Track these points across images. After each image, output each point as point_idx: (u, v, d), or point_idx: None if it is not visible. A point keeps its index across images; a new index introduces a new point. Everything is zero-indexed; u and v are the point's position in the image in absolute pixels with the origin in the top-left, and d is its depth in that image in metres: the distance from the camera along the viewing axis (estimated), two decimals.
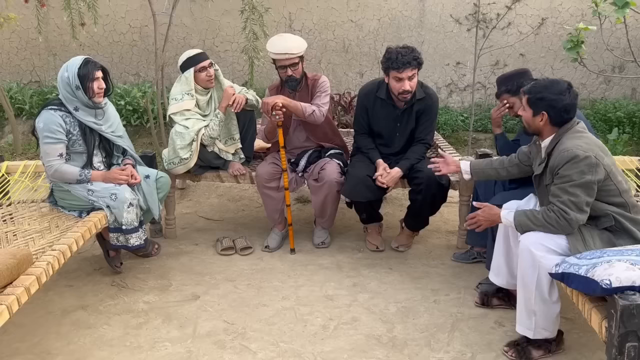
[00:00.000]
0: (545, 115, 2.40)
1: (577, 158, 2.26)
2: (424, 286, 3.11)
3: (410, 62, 3.14)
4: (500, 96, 3.05)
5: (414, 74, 3.19)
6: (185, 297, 3.02)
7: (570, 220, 2.27)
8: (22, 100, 6.18)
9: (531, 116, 2.45)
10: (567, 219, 2.28)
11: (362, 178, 3.27)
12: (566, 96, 2.37)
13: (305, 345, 2.58)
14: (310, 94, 3.51)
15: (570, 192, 2.28)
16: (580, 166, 2.26)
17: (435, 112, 3.41)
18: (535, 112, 2.43)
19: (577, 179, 2.26)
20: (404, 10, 6.23)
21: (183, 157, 3.40)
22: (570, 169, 2.27)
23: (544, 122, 2.42)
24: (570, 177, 2.28)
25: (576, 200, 2.27)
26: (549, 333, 2.40)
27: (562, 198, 2.29)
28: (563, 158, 2.30)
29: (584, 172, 2.26)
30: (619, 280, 1.92)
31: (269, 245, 3.56)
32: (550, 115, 2.39)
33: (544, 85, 2.41)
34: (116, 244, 3.05)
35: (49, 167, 2.94)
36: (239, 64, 6.39)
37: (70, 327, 2.74)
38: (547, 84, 2.41)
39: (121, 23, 6.45)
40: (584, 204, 2.28)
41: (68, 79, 2.91)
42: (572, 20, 5.96)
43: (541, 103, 2.39)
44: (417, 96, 3.31)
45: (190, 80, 3.43)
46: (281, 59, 3.35)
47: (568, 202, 2.28)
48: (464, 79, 6.36)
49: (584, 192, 2.27)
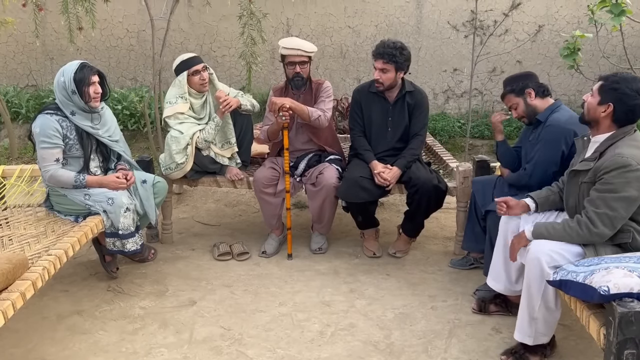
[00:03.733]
0: (611, 107, 2.26)
1: (629, 167, 2.15)
2: (421, 292, 3.10)
3: (383, 55, 3.26)
4: (505, 97, 3.04)
5: (385, 67, 3.29)
6: (181, 302, 3.00)
7: (595, 233, 2.20)
8: (19, 104, 6.16)
9: (596, 104, 2.30)
10: (592, 232, 2.20)
11: (357, 179, 3.28)
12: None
13: (302, 351, 2.57)
14: (313, 98, 3.53)
15: (611, 206, 2.18)
16: (629, 177, 2.15)
17: (426, 107, 3.48)
18: (602, 101, 2.28)
19: (621, 190, 2.16)
20: (401, 17, 6.25)
21: (179, 162, 3.40)
22: (617, 177, 2.17)
23: (607, 114, 2.28)
24: (615, 187, 2.17)
25: (613, 215, 2.18)
26: (546, 338, 2.40)
27: (599, 210, 2.20)
28: (614, 163, 2.18)
29: (630, 185, 2.15)
30: (617, 287, 1.92)
31: (265, 251, 3.55)
32: (615, 109, 2.25)
33: (623, 77, 2.27)
34: (112, 248, 3.04)
35: (45, 172, 2.93)
36: (236, 69, 6.39)
37: (66, 332, 2.72)
38: (628, 78, 2.27)
39: (119, 27, 6.45)
40: (619, 220, 2.19)
41: (64, 83, 2.90)
42: (568, 27, 6.00)
43: (613, 93, 2.26)
44: (407, 89, 3.41)
45: (183, 84, 3.45)
46: (292, 54, 3.42)
47: (603, 216, 2.19)
48: (461, 86, 6.38)
49: (624, 208, 2.18)
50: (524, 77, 3.00)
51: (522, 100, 2.95)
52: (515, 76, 3.05)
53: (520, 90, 2.94)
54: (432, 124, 6.04)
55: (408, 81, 3.46)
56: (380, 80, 3.33)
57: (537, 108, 2.93)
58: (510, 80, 3.03)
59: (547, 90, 2.96)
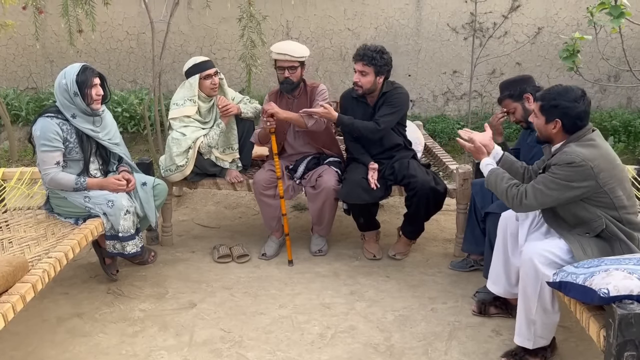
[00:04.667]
0: (559, 122, 2.35)
1: (574, 164, 2.25)
2: (422, 294, 3.10)
3: (363, 57, 3.27)
4: (503, 101, 3.04)
5: (365, 70, 3.28)
6: (181, 305, 3.00)
7: (524, 204, 2.35)
8: (19, 106, 6.16)
9: (544, 123, 2.40)
10: (522, 202, 2.35)
11: (358, 180, 3.29)
12: (580, 103, 2.32)
13: (303, 354, 2.57)
14: (309, 101, 3.53)
15: (548, 186, 2.30)
16: (572, 172, 2.25)
17: (397, 101, 3.37)
18: (548, 120, 2.37)
19: (563, 179, 2.27)
20: (400, 19, 6.26)
21: (179, 164, 3.41)
22: (562, 170, 2.27)
23: (557, 129, 2.37)
24: (558, 176, 2.28)
25: (547, 192, 2.30)
26: (545, 341, 2.40)
27: (537, 186, 2.33)
28: (561, 159, 2.28)
29: (571, 178, 2.26)
30: (617, 289, 1.92)
31: (265, 253, 3.55)
32: (563, 123, 2.34)
33: (557, 92, 2.36)
34: (112, 251, 3.04)
35: (46, 175, 2.93)
36: (236, 72, 6.39)
37: (66, 335, 2.72)
38: (561, 91, 2.36)
39: (119, 30, 6.45)
40: (548, 199, 2.31)
41: (66, 85, 2.90)
42: (567, 29, 6.00)
43: (555, 110, 2.34)
44: (385, 89, 3.38)
45: (194, 87, 3.45)
46: (281, 59, 3.42)
47: (537, 191, 2.31)
48: (460, 88, 6.38)
49: (558, 192, 2.29)
50: (522, 81, 3.00)
51: (521, 105, 2.95)
52: (512, 80, 3.05)
53: (518, 95, 2.94)
54: (432, 126, 6.05)
55: (389, 82, 3.42)
56: (359, 83, 3.32)
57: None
58: (507, 84, 3.03)
59: None
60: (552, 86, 2.46)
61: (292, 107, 3.55)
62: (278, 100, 3.56)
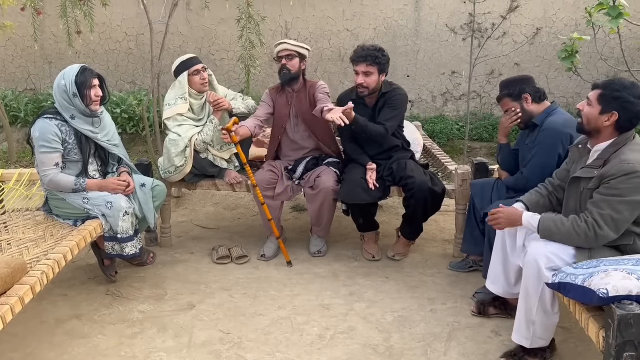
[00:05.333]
0: (615, 116, 2.22)
1: (636, 174, 2.13)
2: (421, 295, 3.10)
3: (365, 58, 3.27)
4: (501, 100, 3.03)
5: (369, 70, 3.29)
6: (180, 306, 3.00)
7: (600, 236, 2.18)
8: (17, 108, 6.16)
9: (597, 114, 2.26)
10: (597, 233, 2.18)
11: (358, 181, 3.29)
12: None
13: (302, 355, 2.56)
14: (308, 97, 3.54)
15: (616, 209, 2.16)
16: (636, 183, 2.14)
17: (398, 103, 3.39)
18: (604, 110, 2.24)
19: (628, 195, 2.15)
20: (399, 20, 6.26)
21: (178, 164, 3.41)
22: (624, 183, 2.15)
23: (610, 123, 2.25)
24: (621, 192, 2.15)
25: (618, 217, 2.17)
26: (545, 342, 2.40)
27: (603, 212, 2.18)
28: (621, 170, 2.16)
29: (636, 191, 2.14)
30: (616, 289, 1.92)
31: (265, 254, 3.54)
32: (620, 118, 2.22)
33: (623, 85, 2.23)
34: (111, 252, 3.03)
35: (45, 177, 2.93)
36: (235, 72, 6.40)
37: (64, 337, 2.71)
38: (628, 85, 2.23)
39: (117, 31, 6.45)
40: (624, 223, 2.18)
41: (65, 86, 2.90)
42: (566, 30, 6.01)
43: (615, 102, 2.22)
44: (383, 90, 3.38)
45: (184, 84, 3.47)
46: (280, 49, 3.49)
47: (607, 218, 2.17)
48: (459, 88, 6.39)
49: (629, 212, 2.17)
50: (522, 81, 2.99)
51: (519, 105, 2.95)
52: (513, 80, 3.05)
53: (517, 95, 2.94)
54: (431, 126, 6.05)
55: (387, 82, 3.43)
56: (364, 84, 3.31)
57: (534, 113, 2.93)
58: (507, 83, 3.02)
59: (543, 95, 2.96)
60: (615, 77, 2.33)
61: (292, 101, 3.56)
62: (279, 95, 3.59)
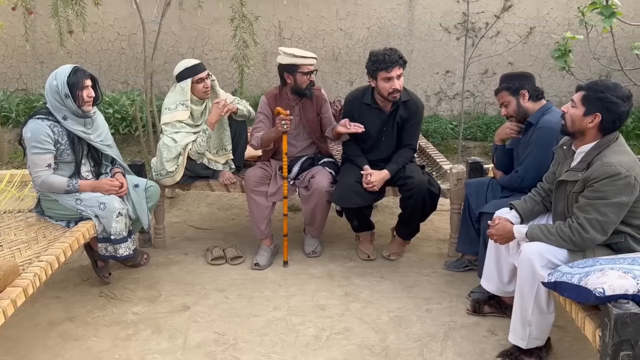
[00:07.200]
0: (598, 117, 2.23)
1: (619, 176, 2.14)
2: (416, 295, 3.09)
3: (397, 61, 3.22)
4: (499, 93, 3.03)
5: (401, 73, 3.26)
6: (175, 307, 2.98)
7: (586, 239, 2.20)
8: (9, 108, 6.11)
9: (581, 115, 2.26)
10: (583, 237, 2.20)
11: (351, 184, 3.27)
12: (626, 103, 2.22)
13: (297, 356, 2.55)
14: (315, 107, 3.53)
15: (601, 211, 2.17)
16: (619, 185, 2.14)
17: (420, 117, 3.45)
18: (588, 111, 2.24)
19: (612, 197, 2.16)
20: (393, 19, 6.26)
21: (169, 170, 3.39)
22: (608, 186, 2.16)
23: (594, 124, 2.25)
24: (605, 195, 2.16)
25: (603, 220, 2.18)
26: (540, 342, 2.40)
27: (589, 215, 2.19)
28: (604, 172, 2.17)
29: (620, 192, 2.15)
30: (612, 288, 1.92)
31: (258, 263, 3.42)
32: (603, 119, 2.22)
33: (606, 86, 2.23)
34: (105, 254, 3.01)
35: (37, 178, 2.90)
36: (228, 72, 6.37)
37: (57, 339, 2.69)
38: (611, 86, 2.23)
39: (109, 31, 6.41)
40: (611, 225, 2.19)
41: (57, 87, 2.87)
42: (559, 29, 6.03)
43: (599, 103, 2.22)
44: (403, 98, 3.35)
45: (186, 91, 3.41)
46: (307, 63, 3.38)
47: (593, 221, 2.18)
48: (453, 87, 6.39)
49: (614, 214, 2.17)
50: (522, 77, 3.00)
51: (515, 100, 2.95)
52: (514, 74, 3.05)
53: (515, 89, 2.94)
54: (425, 126, 6.05)
55: (404, 89, 3.38)
56: (399, 88, 3.26)
57: (528, 110, 2.93)
58: (508, 77, 3.02)
59: (541, 94, 2.96)
60: (599, 79, 2.32)
61: (298, 110, 3.51)
62: (278, 102, 3.49)
